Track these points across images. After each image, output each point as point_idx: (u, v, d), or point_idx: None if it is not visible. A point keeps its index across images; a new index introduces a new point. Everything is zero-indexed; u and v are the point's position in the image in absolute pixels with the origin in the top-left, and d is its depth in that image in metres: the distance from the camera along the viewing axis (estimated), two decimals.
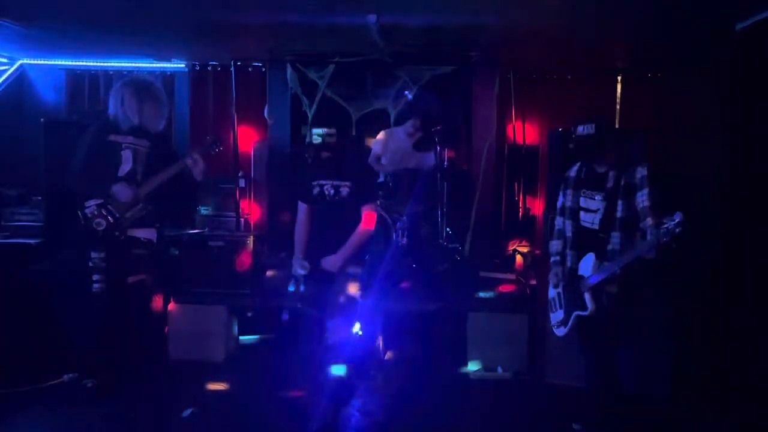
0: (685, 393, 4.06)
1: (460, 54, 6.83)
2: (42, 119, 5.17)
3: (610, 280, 3.38)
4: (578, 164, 3.67)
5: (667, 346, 4.00)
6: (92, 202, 4.16)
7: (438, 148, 6.11)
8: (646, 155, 5.24)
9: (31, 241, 5.18)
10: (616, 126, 7.32)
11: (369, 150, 6.49)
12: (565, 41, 6.11)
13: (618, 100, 7.50)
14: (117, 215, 4.16)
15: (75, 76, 7.62)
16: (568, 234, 3.63)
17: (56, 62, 7.53)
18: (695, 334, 4.36)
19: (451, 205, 6.30)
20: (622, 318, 3.46)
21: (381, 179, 6.18)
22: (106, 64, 7.54)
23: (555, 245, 3.75)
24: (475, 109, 7.14)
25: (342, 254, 3.83)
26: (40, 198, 5.46)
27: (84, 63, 7.55)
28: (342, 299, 3.81)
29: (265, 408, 4.17)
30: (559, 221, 3.72)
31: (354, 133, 7.15)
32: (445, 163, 6.17)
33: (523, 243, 6.36)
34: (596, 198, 3.49)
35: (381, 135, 6.55)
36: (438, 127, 6.11)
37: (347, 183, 3.92)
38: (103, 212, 4.15)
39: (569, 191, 3.64)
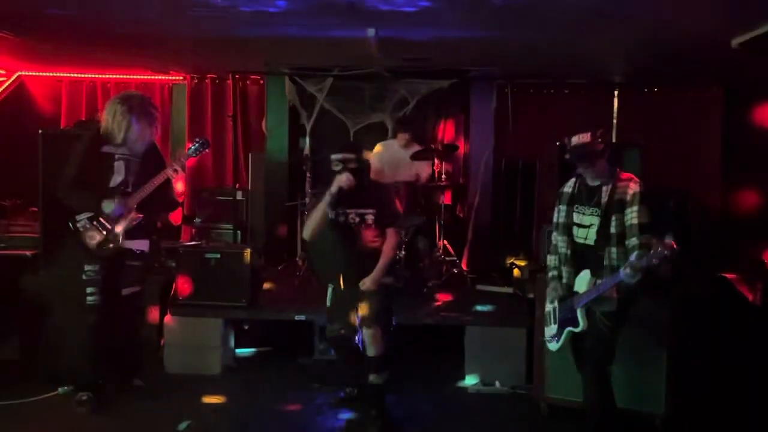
0: (681, 410, 4.05)
1: (458, 68, 6.87)
2: (40, 130, 5.15)
3: (605, 297, 3.36)
4: (572, 179, 3.66)
5: (662, 363, 3.99)
6: (84, 216, 4.10)
7: (436, 161, 6.13)
8: (642, 169, 5.24)
9: (27, 253, 5.16)
10: (612, 139, 7.38)
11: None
12: (561, 56, 6.15)
13: (615, 114, 7.54)
14: (109, 227, 4.10)
15: (73, 88, 7.65)
16: (563, 250, 3.63)
17: (54, 74, 7.55)
18: (692, 349, 4.36)
19: (448, 218, 6.32)
20: (615, 335, 3.44)
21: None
22: (104, 76, 7.56)
23: (551, 260, 3.74)
24: (473, 122, 7.18)
25: (378, 274, 4.02)
26: (36, 209, 5.45)
27: (82, 75, 7.58)
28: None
29: (262, 421, 4.15)
30: (553, 237, 3.72)
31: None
32: (443, 175, 6.19)
33: (521, 256, 6.36)
34: (589, 213, 3.49)
35: (378, 148, 6.57)
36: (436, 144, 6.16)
37: (371, 210, 4.07)
38: (95, 224, 4.09)
39: (563, 207, 3.64)
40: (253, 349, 5.44)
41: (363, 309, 4.00)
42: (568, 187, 3.67)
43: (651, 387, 3.99)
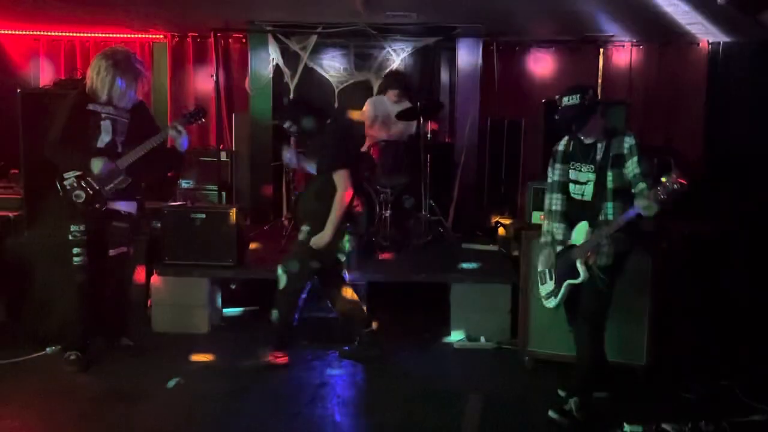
0: (662, 362, 4.13)
1: (444, 25, 6.79)
2: (18, 90, 5.06)
3: (599, 251, 3.36)
4: (566, 138, 3.64)
5: (644, 315, 4.06)
6: (71, 174, 4.07)
7: (421, 119, 6.09)
8: (628, 126, 5.26)
9: (10, 214, 5.12)
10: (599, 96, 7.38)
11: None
12: (547, 11, 6.09)
13: (600, 73, 7.52)
14: (97, 187, 4.08)
15: (51, 47, 7.49)
16: (558, 208, 3.61)
17: (32, 32, 7.38)
18: (673, 302, 4.44)
19: (434, 177, 6.32)
20: (611, 288, 3.47)
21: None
22: (83, 35, 7.40)
23: (546, 226, 3.69)
24: (459, 80, 7.13)
25: (330, 230, 3.92)
26: (17, 171, 5.38)
27: (60, 34, 7.41)
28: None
29: (250, 378, 4.18)
30: (548, 198, 3.67)
31: (336, 104, 7.13)
32: (429, 134, 6.16)
33: (506, 215, 6.41)
34: (585, 170, 3.49)
35: (367, 105, 6.49)
36: (422, 100, 6.10)
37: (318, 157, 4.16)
38: (83, 184, 4.06)
39: (558, 165, 3.63)
40: (240, 309, 5.47)
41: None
42: (562, 145, 3.65)
43: (633, 339, 4.06)
